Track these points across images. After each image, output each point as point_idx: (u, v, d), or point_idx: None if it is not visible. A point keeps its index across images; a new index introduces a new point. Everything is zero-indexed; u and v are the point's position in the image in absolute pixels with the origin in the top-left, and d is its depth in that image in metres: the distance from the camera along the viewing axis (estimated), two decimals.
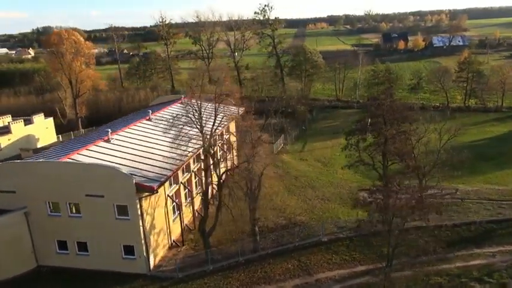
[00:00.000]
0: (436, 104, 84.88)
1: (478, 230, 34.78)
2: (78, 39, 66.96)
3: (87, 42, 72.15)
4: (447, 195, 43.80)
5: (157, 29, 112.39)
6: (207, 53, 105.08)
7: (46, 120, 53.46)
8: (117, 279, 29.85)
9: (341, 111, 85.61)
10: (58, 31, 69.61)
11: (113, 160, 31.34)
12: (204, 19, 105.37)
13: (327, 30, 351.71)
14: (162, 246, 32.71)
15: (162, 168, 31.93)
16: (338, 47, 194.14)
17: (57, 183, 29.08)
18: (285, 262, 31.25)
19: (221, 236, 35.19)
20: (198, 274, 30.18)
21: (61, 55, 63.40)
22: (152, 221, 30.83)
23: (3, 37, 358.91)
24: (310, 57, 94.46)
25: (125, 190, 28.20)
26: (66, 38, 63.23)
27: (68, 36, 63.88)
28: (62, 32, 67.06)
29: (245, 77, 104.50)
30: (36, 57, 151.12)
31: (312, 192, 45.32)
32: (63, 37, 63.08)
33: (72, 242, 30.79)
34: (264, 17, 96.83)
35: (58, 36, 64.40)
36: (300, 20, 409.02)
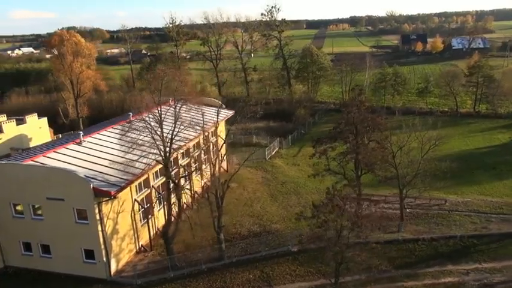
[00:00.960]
0: (444, 108, 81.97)
1: (456, 245, 33.05)
2: (79, 41, 68.04)
3: (87, 43, 73.20)
4: (435, 206, 42.16)
5: (167, 30, 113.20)
6: (216, 54, 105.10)
7: (39, 120, 54.18)
8: (78, 283, 29.84)
9: None
10: (60, 32, 71.07)
11: (79, 163, 31.33)
12: (212, 20, 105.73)
13: (348, 31, 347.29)
14: (127, 251, 32.49)
15: (128, 173, 31.65)
16: (356, 48, 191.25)
17: (20, 186, 29.27)
18: (247, 272, 30.51)
19: (193, 242, 34.82)
20: (157, 281, 29.84)
21: (62, 56, 64.57)
22: (115, 225, 30.63)
23: (31, 37, 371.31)
24: (316, 60, 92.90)
25: (83, 194, 28.09)
26: (67, 39, 64.37)
27: (69, 38, 65.03)
28: (63, 33, 68.40)
29: (252, 78, 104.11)
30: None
31: (296, 199, 44.33)
32: (64, 38, 64.27)
33: (36, 244, 30.96)
34: (271, 18, 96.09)
35: (59, 37, 65.68)
36: (322, 21, 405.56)
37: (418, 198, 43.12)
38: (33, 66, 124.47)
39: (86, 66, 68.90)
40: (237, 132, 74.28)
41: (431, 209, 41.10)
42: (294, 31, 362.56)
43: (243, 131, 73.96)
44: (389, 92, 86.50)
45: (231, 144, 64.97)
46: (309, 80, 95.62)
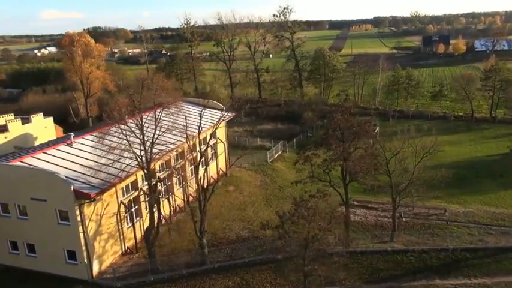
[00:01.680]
0: (459, 113, 79.29)
1: (447, 258, 31.69)
2: (89, 42, 69.27)
3: (97, 44, 74.40)
4: (434, 215, 40.71)
5: (182, 30, 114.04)
6: (229, 55, 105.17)
7: (45, 119, 55.43)
8: (61, 284, 30.17)
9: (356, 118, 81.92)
10: (70, 33, 72.57)
11: (65, 165, 31.70)
12: (226, 21, 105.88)
13: (370, 32, 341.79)
14: (111, 253, 32.65)
15: (112, 176, 31.72)
16: (377, 49, 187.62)
17: (5, 185, 29.86)
18: (227, 278, 30.15)
19: (179, 246, 34.82)
20: (137, 284, 29.85)
21: (72, 56, 65.90)
22: (98, 227, 30.81)
23: (59, 36, 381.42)
24: (328, 61, 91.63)
25: (64, 196, 28.38)
26: (77, 40, 65.64)
27: (79, 39, 66.31)
28: (73, 34, 69.83)
29: (264, 79, 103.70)
30: None
31: (290, 204, 43.51)
32: (74, 39, 65.58)
33: (22, 243, 31.52)
34: (284, 19, 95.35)
35: (69, 38, 67.06)
36: (345, 21, 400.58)
37: (417, 207, 41.84)
38: (53, 65, 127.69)
39: (95, 67, 70.09)
40: (242, 134, 74.21)
41: (429, 219, 39.73)
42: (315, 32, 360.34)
43: (248, 133, 73.74)
44: (402, 95, 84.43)
45: (234, 146, 64.85)
46: (320, 82, 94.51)
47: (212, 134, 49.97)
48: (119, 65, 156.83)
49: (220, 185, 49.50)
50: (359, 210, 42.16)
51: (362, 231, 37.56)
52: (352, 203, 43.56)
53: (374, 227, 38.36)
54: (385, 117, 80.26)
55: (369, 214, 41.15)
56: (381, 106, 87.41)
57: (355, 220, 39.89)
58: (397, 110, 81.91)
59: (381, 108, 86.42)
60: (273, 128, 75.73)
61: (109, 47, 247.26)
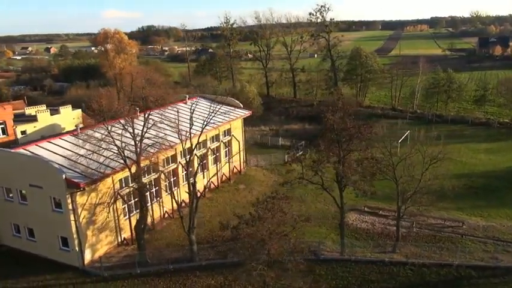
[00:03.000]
0: (505, 120, 73.13)
1: (449, 274, 29.11)
2: (122, 38, 71.68)
3: (130, 41, 76.75)
4: (449, 227, 37.69)
5: (221, 29, 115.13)
6: (265, 54, 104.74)
7: (73, 111, 58.22)
8: (54, 268, 31.21)
9: (390, 121, 78.32)
10: (106, 30, 75.43)
11: (65, 154, 32.73)
12: (264, 20, 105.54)
13: (425, 32, 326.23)
14: (106, 243, 33.33)
15: (109, 168, 32.27)
16: (429, 51, 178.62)
17: (9, 171, 31.41)
18: (210, 277, 29.70)
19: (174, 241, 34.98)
20: (123, 275, 30.20)
21: (106, 52, 68.55)
22: (91, 216, 31.53)
23: None
24: (365, 62, 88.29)
25: (57, 184, 29.31)
26: (111, 37, 68.15)
27: (113, 35, 68.81)
28: (108, 31, 72.62)
29: (300, 79, 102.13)
30: None
31: (297, 206, 42.04)
32: (108, 36, 68.14)
33: (23, 227, 33.02)
34: (321, 18, 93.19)
35: (105, 35, 69.81)
36: (399, 21, 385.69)
37: (432, 218, 39.01)
38: (98, 61, 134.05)
39: (128, 63, 72.39)
40: (268, 133, 73.45)
41: (442, 231, 36.78)
42: (367, 32, 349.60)
43: (274, 133, 72.83)
44: (442, 99, 79.43)
45: (255, 145, 64.32)
46: (357, 83, 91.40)
47: (226, 131, 49.86)
48: (164, 63, 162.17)
49: (232, 183, 49.20)
50: (368, 217, 40.00)
51: (366, 239, 35.57)
52: (363, 209, 41.69)
53: (380, 236, 36.17)
54: (422, 120, 76.09)
55: (378, 222, 38.88)
56: (419, 109, 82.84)
57: (361, 227, 37.91)
58: (435, 114, 77.25)
59: (419, 111, 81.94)
60: (299, 128, 74.28)
61: (159, 45, 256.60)
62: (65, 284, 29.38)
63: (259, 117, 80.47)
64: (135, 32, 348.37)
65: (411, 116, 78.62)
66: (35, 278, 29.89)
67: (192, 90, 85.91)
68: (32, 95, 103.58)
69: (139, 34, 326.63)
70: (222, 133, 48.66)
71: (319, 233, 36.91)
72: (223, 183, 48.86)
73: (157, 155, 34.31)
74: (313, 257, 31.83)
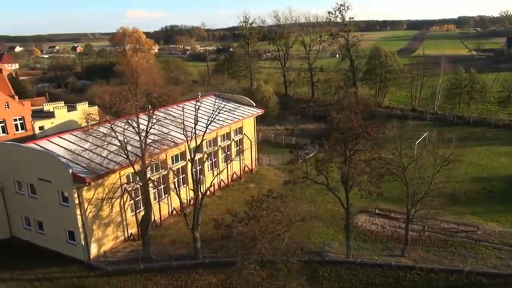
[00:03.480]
0: None
1: (458, 281, 28.05)
2: (139, 37, 72.54)
3: (147, 39, 77.54)
4: (463, 232, 36.38)
5: (241, 28, 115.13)
6: (284, 53, 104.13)
7: (90, 108, 59.28)
8: (61, 261, 31.75)
9: (408, 122, 76.49)
10: (124, 29, 76.53)
11: (74, 149, 33.20)
12: (283, 19, 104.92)
13: (452, 32, 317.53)
14: (112, 238, 33.66)
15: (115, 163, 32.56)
16: (454, 51, 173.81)
17: (20, 165, 32.13)
18: (212, 275, 29.54)
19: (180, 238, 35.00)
20: (126, 270, 30.41)
21: (124, 50, 69.52)
22: (98, 211, 31.88)
23: None
24: (384, 61, 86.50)
25: (64, 178, 29.76)
26: (129, 35, 69.07)
27: (131, 33, 69.71)
28: (127, 29, 73.64)
29: (318, 79, 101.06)
30: None
31: (307, 207, 41.74)
32: (127, 34, 69.12)
33: (33, 219, 33.71)
34: (341, 16, 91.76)
35: (123, 33, 70.81)
36: (425, 21, 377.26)
37: (445, 222, 37.75)
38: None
39: (145, 61, 73.18)
40: (283, 132, 72.92)
41: (456, 236, 35.50)
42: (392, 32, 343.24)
43: (289, 132, 72.26)
44: (464, 100, 77.03)
45: (269, 144, 63.91)
46: (376, 83, 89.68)
47: (238, 129, 49.66)
48: (184, 62, 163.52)
49: (242, 182, 49.01)
50: (378, 219, 39.07)
51: (374, 241, 34.69)
52: (374, 211, 40.76)
53: (389, 239, 35.23)
54: (443, 122, 74.02)
55: (388, 224, 37.91)
56: (440, 110, 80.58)
57: (371, 229, 37.04)
58: (457, 116, 74.96)
59: (440, 112, 79.72)
60: (315, 128, 73.48)
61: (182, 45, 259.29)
62: (69, 277, 29.79)
63: (275, 117, 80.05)
64: (159, 32, 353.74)
65: (431, 117, 76.57)
66: (42, 270, 30.45)
67: (209, 89, 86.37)
68: (55, 92, 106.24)
69: (163, 34, 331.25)
70: (233, 131, 48.47)
71: (327, 234, 36.30)
72: (233, 181, 48.74)
73: (163, 151, 34.40)
74: (317, 259, 31.32)
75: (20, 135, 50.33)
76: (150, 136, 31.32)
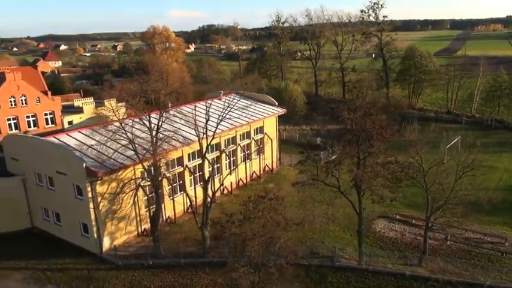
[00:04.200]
0: None
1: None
2: (169, 35, 73.45)
3: (177, 38, 78.38)
4: (489, 244, 34.13)
5: (273, 28, 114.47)
6: (315, 52, 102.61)
7: (118, 104, 60.75)
8: (74, 253, 32.42)
9: (442, 125, 73.05)
10: (154, 27, 77.69)
11: (90, 144, 33.81)
12: (315, 18, 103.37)
13: (499, 32, 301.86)
14: (125, 232, 34.07)
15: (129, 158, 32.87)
16: (501, 52, 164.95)
17: (40, 158, 33.15)
18: (219, 275, 29.04)
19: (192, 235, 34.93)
20: (135, 265, 30.62)
21: (154, 48, 70.74)
22: (111, 206, 32.32)
23: (179, 33, 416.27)
24: (419, 62, 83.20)
25: (78, 172, 30.38)
26: (159, 34, 70.13)
27: (161, 32, 70.74)
28: (157, 27, 74.82)
29: (350, 79, 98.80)
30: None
31: (325, 209, 40.54)
32: (156, 32, 70.22)
33: (51, 211, 34.69)
34: (374, 14, 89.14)
35: (153, 31, 71.97)
36: (470, 20, 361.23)
37: (471, 231, 35.57)
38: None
39: (174, 60, 74.08)
40: (308, 132, 71.70)
41: (481, 247, 33.30)
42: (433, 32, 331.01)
43: (315, 132, 70.95)
44: (505, 103, 72.71)
45: (293, 144, 62.91)
46: (409, 84, 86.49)
47: (259, 128, 49.12)
48: (218, 60, 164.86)
49: (262, 181, 48.47)
50: (398, 225, 37.36)
51: (391, 249, 33.15)
52: (394, 217, 39.06)
53: (407, 247, 33.55)
54: (479, 126, 70.30)
55: (409, 231, 36.16)
56: (478, 114, 76.56)
57: (389, 236, 35.47)
58: (495, 119, 70.89)
59: (477, 116, 75.75)
60: (342, 128, 71.57)
61: (217, 44, 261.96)
62: (80, 269, 30.38)
63: (302, 117, 79.00)
64: (196, 31, 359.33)
65: (468, 121, 72.88)
66: (56, 261, 31.23)
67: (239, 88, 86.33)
68: (92, 89, 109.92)
69: (200, 33, 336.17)
70: (254, 130, 47.97)
71: (342, 239, 35.11)
72: (253, 180, 48.29)
73: (174, 149, 34.47)
74: (328, 264, 30.28)
75: (49, 129, 52.21)
76: (163, 133, 31.47)
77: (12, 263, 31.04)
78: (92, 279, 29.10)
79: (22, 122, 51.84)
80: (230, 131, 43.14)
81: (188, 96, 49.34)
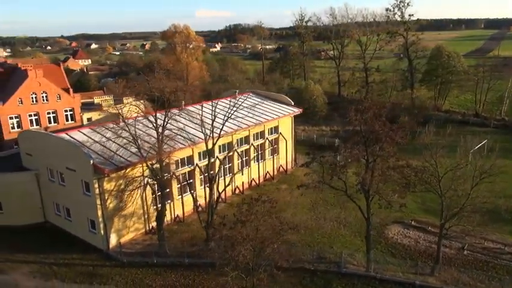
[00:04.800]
0: None
1: None
2: (189, 33, 73.55)
3: (197, 36, 78.44)
4: (509, 254, 32.24)
5: (296, 27, 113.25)
6: (339, 52, 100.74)
7: (136, 102, 61.41)
8: (82, 249, 32.73)
9: (468, 128, 70.09)
10: (175, 25, 77.93)
11: (101, 141, 34.05)
12: (339, 18, 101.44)
13: None
14: (133, 229, 34.14)
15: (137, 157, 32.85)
16: None
17: (52, 154, 33.65)
18: (223, 276, 28.55)
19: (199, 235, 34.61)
20: (140, 263, 30.59)
21: (174, 47, 71.04)
22: (119, 203, 32.40)
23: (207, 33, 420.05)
24: (446, 62, 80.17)
25: (86, 169, 30.61)
26: (179, 32, 70.36)
27: (181, 30, 70.96)
28: (177, 26, 75.07)
29: (374, 79, 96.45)
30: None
31: (337, 213, 39.50)
32: (177, 30, 70.49)
33: (62, 206, 35.16)
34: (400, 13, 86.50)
35: (174, 30, 72.33)
36: (507, 19, 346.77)
37: (490, 241, 33.70)
38: None
39: (194, 58, 74.22)
40: (327, 133, 70.30)
41: (500, 258, 31.46)
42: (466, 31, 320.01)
43: (333, 133, 69.49)
44: None
45: (310, 145, 61.75)
46: (436, 85, 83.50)
47: (273, 128, 48.40)
48: (243, 60, 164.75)
49: (275, 182, 47.76)
50: (413, 232, 35.84)
51: (404, 256, 31.78)
52: (409, 223, 37.51)
53: (421, 255, 32.07)
54: (508, 130, 67.10)
55: (423, 239, 34.60)
56: (508, 117, 73.06)
57: (402, 243, 34.05)
58: None
59: (507, 119, 72.29)
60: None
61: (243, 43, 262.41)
62: (86, 264, 30.59)
63: (322, 117, 77.59)
64: (222, 31, 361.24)
65: (496, 124, 69.63)
66: (63, 256, 31.59)
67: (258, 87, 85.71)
68: (115, 87, 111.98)
69: (226, 32, 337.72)
70: (268, 130, 47.28)
71: (353, 244, 34.00)
72: (266, 181, 47.64)
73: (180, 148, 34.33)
74: (334, 269, 29.31)
75: (69, 126, 53.17)
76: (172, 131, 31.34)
77: (22, 256, 31.60)
78: (95, 276, 29.23)
79: (43, 118, 53.05)
80: (243, 131, 42.60)
81: (196, 94, 49.11)
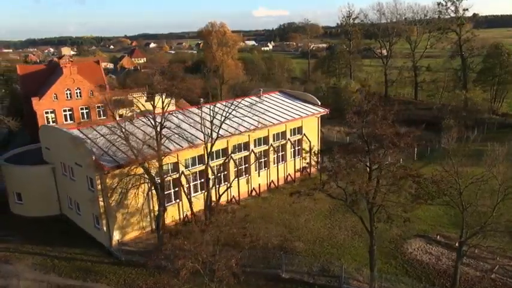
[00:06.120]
0: None
1: None
2: (225, 31, 72.92)
3: (233, 34, 77.59)
4: None
5: (343, 24, 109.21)
6: (387, 50, 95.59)
7: (167, 99, 61.93)
8: (87, 243, 33.05)
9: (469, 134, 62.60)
10: (212, 23, 77.51)
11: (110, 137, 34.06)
12: (388, 14, 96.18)
13: None
14: (137, 227, 33.89)
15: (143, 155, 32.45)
16: None
17: (64, 149, 34.30)
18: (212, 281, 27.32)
19: None
20: (136, 263, 30.12)
21: (210, 45, 70.87)
22: (123, 200, 32.16)
23: (262, 31, 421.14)
24: (505, 60, 72.85)
25: (89, 164, 30.72)
26: (216, 30, 70.00)
27: (218, 28, 70.56)
28: (214, 24, 74.65)
29: (424, 79, 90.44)
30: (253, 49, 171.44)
31: (351, 222, 36.46)
32: (213, 29, 70.22)
33: (74, 200, 35.78)
34: (453, 8, 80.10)
35: (210, 28, 72.16)
36: None
37: None
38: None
39: (230, 56, 73.55)
40: None
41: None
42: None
43: None
44: None
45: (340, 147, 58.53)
46: (492, 86, 76.28)
47: (297, 129, 46.27)
48: (291, 58, 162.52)
49: (295, 185, 45.56)
50: (436, 247, 32.21)
51: (420, 276, 28.54)
52: (434, 237, 33.82)
53: (440, 275, 28.59)
54: None
55: (446, 256, 30.91)
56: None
57: (421, 259, 30.64)
58: None
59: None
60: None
61: (295, 42, 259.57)
62: (86, 260, 30.71)
63: None
64: (276, 30, 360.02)
65: None
66: (67, 250, 32.01)
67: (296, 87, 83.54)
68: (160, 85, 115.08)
69: (280, 31, 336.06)
70: (290, 130, 45.23)
71: (364, 257, 31.10)
72: (287, 183, 45.66)
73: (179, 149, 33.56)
74: (335, 285, 26.91)
75: (101, 122, 54.66)
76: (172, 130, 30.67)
77: (30, 247, 32.45)
78: (91, 272, 29.18)
79: (76, 114, 55.03)
80: (261, 131, 41.02)
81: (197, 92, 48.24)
